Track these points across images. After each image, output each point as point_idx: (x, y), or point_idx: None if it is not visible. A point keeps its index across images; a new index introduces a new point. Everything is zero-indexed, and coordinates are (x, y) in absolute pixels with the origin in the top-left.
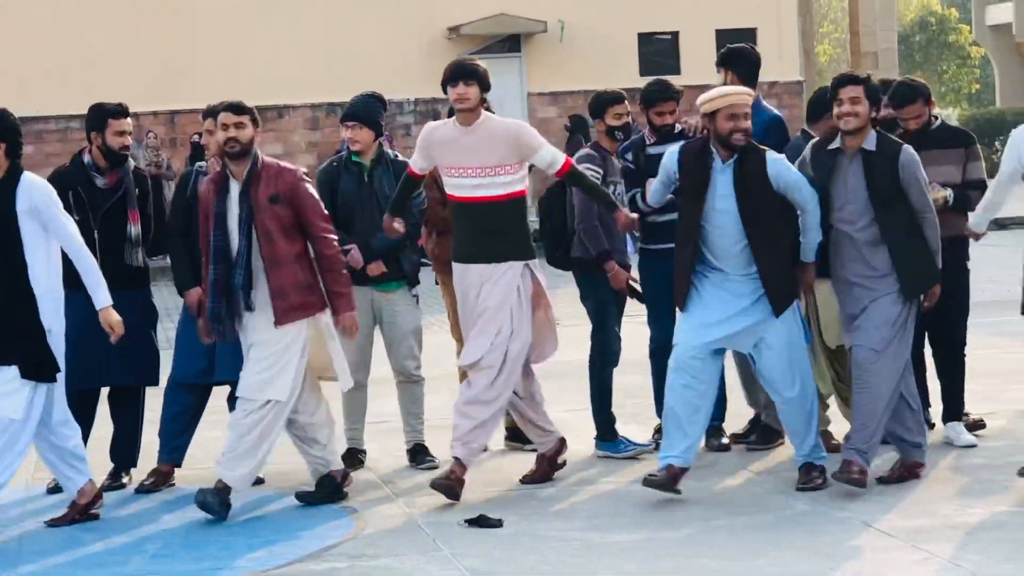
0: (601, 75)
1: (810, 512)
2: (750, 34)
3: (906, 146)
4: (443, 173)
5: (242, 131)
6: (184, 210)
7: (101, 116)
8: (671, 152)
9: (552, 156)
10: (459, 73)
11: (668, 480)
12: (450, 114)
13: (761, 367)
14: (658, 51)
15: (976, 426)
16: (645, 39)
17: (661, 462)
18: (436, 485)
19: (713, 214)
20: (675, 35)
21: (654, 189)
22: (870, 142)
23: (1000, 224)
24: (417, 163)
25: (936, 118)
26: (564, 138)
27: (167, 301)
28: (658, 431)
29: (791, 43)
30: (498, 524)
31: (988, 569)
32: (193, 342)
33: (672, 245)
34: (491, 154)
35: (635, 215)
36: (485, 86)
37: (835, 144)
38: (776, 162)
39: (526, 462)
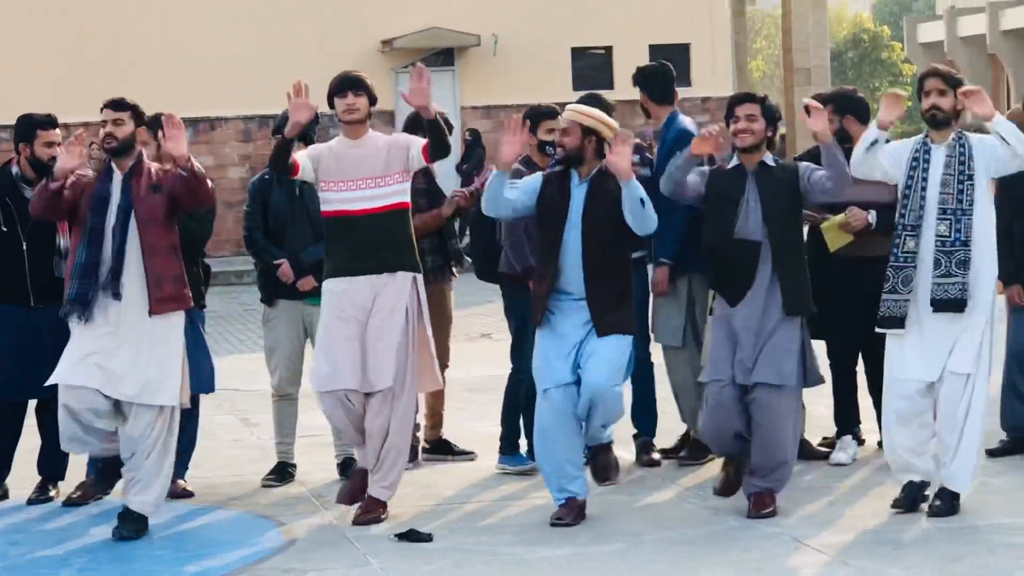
0: (534, 89)
1: (740, 528)
2: (683, 49)
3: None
4: (326, 188)
5: (120, 128)
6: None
7: (29, 127)
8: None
9: (418, 146)
10: (348, 83)
11: (577, 516)
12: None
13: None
14: (591, 66)
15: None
16: (578, 54)
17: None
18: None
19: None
20: (609, 50)
21: None
22: (768, 158)
23: None
24: (304, 164)
25: None
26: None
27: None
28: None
29: (724, 59)
30: (428, 538)
31: None
32: None
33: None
34: (378, 164)
35: None
36: (373, 98)
37: (734, 162)
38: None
39: (458, 475)
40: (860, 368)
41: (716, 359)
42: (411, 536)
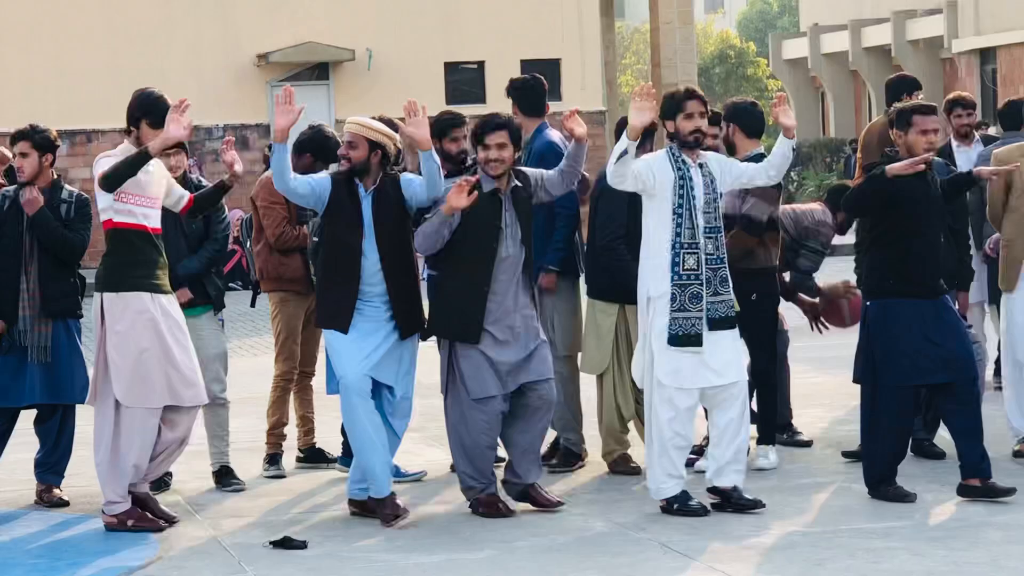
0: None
1: (608, 533)
2: (554, 64)
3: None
4: (131, 201)
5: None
6: None
7: None
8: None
9: (180, 194)
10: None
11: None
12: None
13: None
14: (464, 80)
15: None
16: (452, 68)
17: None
18: None
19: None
20: (481, 65)
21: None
22: (516, 181)
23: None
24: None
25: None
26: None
27: None
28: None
29: (594, 74)
30: (303, 546)
31: None
32: (1, 365)
33: None
34: (159, 188)
35: None
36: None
37: (490, 186)
38: (408, 182)
39: (331, 483)
40: None
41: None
42: (286, 543)
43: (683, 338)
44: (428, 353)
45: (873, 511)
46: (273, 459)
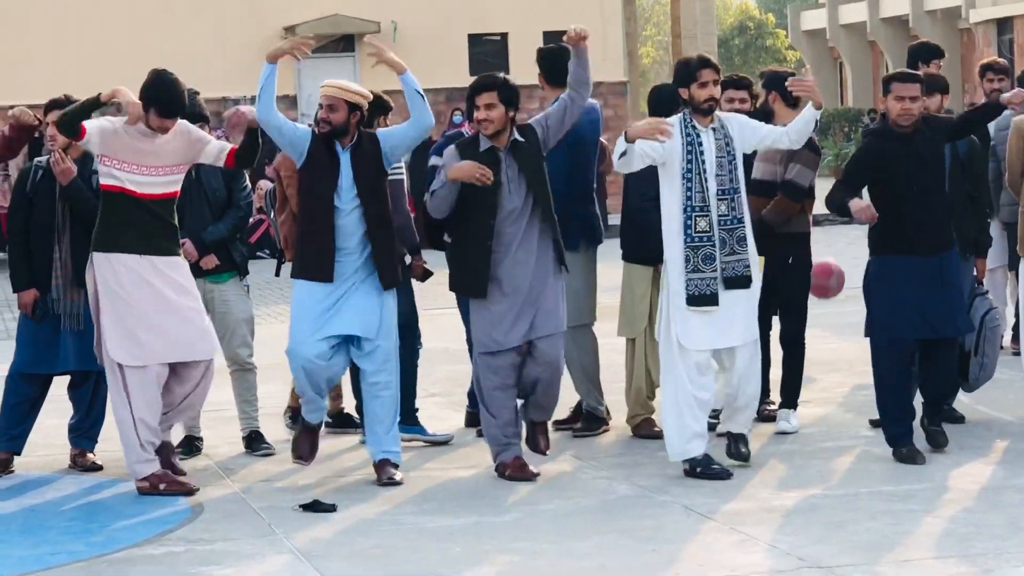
0: (432, 74)
1: (632, 496)
2: None
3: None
4: (114, 166)
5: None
6: (24, 207)
7: None
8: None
9: (219, 147)
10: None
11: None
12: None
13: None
14: (487, 52)
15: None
16: (475, 40)
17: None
18: None
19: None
20: (504, 36)
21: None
22: (516, 135)
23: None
24: (91, 131)
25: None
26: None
27: (7, 291)
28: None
29: (615, 45)
30: (332, 509)
31: (802, 550)
32: (35, 333)
33: None
34: (173, 155)
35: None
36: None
37: (485, 144)
38: (389, 134)
39: (359, 447)
40: None
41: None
42: (315, 507)
43: (699, 298)
44: (454, 319)
45: (892, 474)
46: (296, 416)
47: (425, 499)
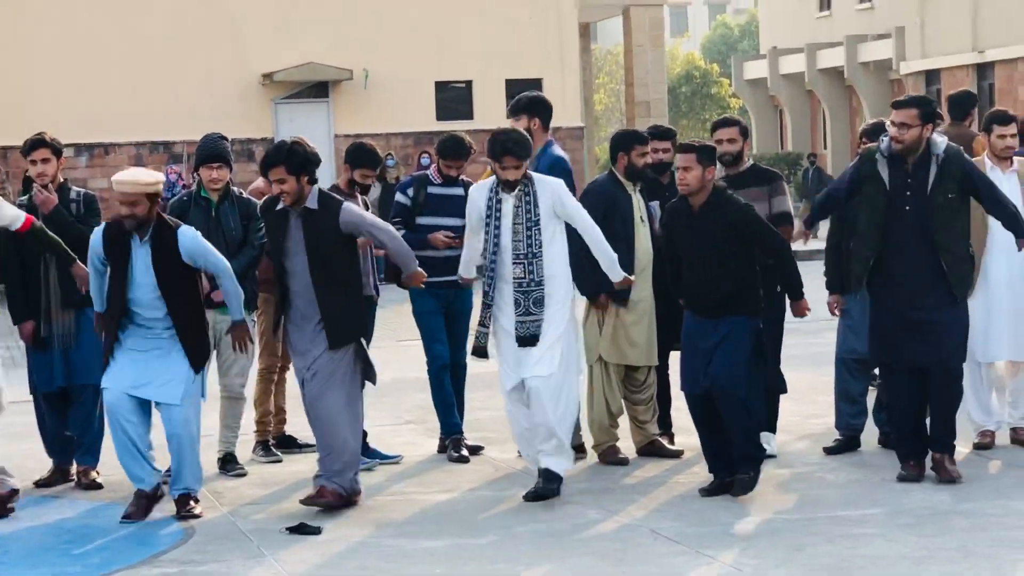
0: (401, 119)
1: (601, 520)
2: (536, 84)
3: (344, 204)
4: None
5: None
6: (15, 242)
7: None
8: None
9: (14, 215)
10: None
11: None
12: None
13: None
14: (453, 98)
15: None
16: (441, 87)
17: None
18: None
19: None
20: (469, 84)
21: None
22: (312, 201)
23: None
24: None
25: (749, 159)
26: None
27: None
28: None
29: (574, 92)
30: (317, 531)
31: (765, 572)
32: (37, 356)
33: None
34: None
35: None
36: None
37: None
38: (185, 236)
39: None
40: None
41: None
42: (301, 529)
43: (477, 351)
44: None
45: (848, 499)
46: (264, 446)
47: (405, 522)
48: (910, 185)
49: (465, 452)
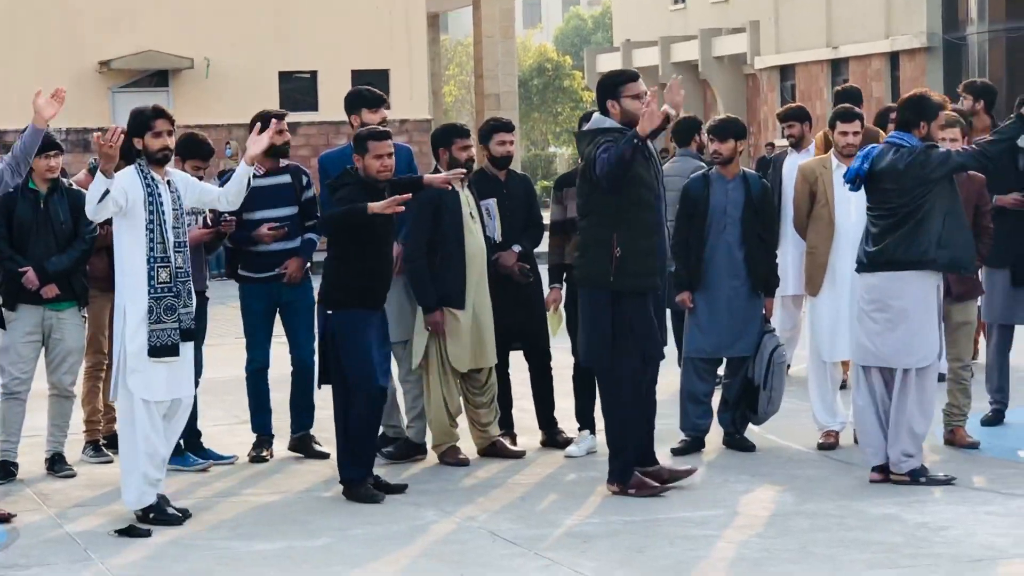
0: (244, 109)
1: (440, 522)
2: (383, 75)
3: None
4: None
5: None
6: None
7: None
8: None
9: None
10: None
11: None
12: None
13: None
14: (297, 88)
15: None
16: (285, 77)
17: None
18: None
19: None
20: (314, 74)
21: None
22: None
23: None
24: None
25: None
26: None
27: None
28: None
29: (421, 84)
30: (147, 534)
31: (605, 574)
32: None
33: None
34: None
35: None
36: None
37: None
38: None
39: (170, 471)
40: None
41: None
42: (131, 532)
43: (162, 349)
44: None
45: (690, 500)
46: (95, 446)
47: (238, 523)
48: None
49: (265, 453)
